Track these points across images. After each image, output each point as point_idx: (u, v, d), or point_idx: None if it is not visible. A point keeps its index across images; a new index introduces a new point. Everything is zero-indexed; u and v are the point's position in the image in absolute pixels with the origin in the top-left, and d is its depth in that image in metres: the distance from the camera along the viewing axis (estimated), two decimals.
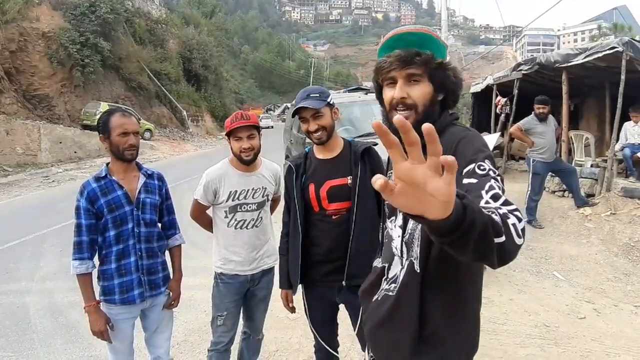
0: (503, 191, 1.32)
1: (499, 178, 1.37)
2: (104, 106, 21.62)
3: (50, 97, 22.96)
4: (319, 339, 2.74)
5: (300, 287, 2.74)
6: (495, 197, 1.28)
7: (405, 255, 1.58)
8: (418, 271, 1.51)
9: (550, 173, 8.12)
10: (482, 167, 1.39)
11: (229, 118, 2.86)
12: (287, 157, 10.61)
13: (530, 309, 4.75)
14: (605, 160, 8.51)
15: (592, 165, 9.06)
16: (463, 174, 1.39)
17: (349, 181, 2.51)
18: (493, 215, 1.12)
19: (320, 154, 2.64)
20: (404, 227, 1.59)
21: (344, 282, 2.52)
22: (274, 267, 3.11)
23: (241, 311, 3.14)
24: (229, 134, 2.84)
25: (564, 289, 5.30)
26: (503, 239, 1.11)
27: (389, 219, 1.71)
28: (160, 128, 28.09)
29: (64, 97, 23.64)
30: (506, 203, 1.25)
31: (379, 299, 1.70)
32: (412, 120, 1.49)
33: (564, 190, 8.87)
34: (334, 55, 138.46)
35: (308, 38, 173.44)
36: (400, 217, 1.61)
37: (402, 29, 1.58)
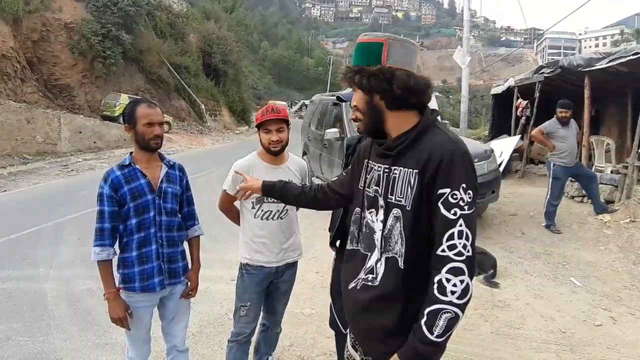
0: (467, 232, 1.59)
1: (466, 212, 1.60)
2: (124, 98, 21.82)
3: (71, 88, 23.19)
4: (333, 309, 2.86)
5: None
6: (451, 247, 1.58)
7: (382, 249, 1.75)
8: (402, 267, 1.69)
9: (570, 178, 8.03)
10: (455, 197, 1.60)
11: (259, 111, 2.96)
12: (304, 153, 10.62)
13: (546, 314, 4.71)
14: (626, 167, 8.39)
15: (612, 172, 8.96)
16: (438, 193, 1.61)
17: None
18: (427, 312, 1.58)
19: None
20: (384, 222, 1.74)
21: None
22: (297, 261, 3.21)
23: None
24: (259, 126, 2.93)
25: (581, 295, 5.26)
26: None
27: (368, 210, 1.84)
28: (178, 121, 28.16)
29: (84, 88, 23.86)
30: (459, 254, 1.57)
31: (357, 287, 1.84)
32: (360, 122, 1.88)
33: (583, 196, 8.76)
34: (353, 53, 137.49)
35: (327, 35, 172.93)
36: (382, 212, 1.76)
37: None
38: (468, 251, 1.58)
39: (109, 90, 24.11)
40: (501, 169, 10.26)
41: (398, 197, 1.70)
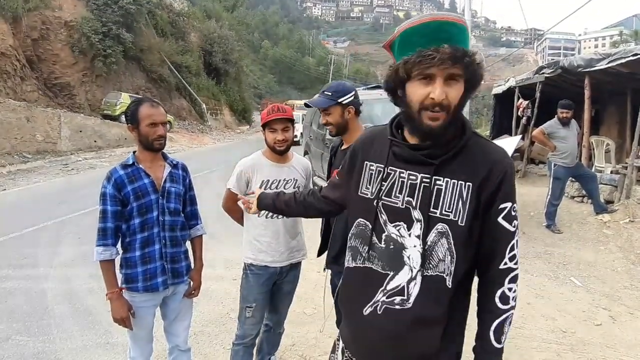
0: (518, 240, 1.57)
1: (517, 221, 1.57)
2: (124, 97, 21.83)
3: (72, 86, 23.15)
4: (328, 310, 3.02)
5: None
6: (512, 258, 1.56)
7: (421, 267, 1.54)
8: (450, 286, 1.53)
9: (570, 178, 8.04)
10: (514, 209, 1.55)
11: (265, 110, 2.95)
12: (306, 152, 10.62)
13: (547, 313, 4.72)
14: (626, 167, 8.40)
15: (612, 172, 8.97)
16: (499, 208, 1.53)
17: None
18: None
19: (343, 144, 2.92)
20: (423, 237, 1.53)
21: (323, 267, 2.96)
22: (301, 262, 3.20)
23: None
24: (264, 125, 2.93)
25: (581, 294, 5.27)
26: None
27: (392, 223, 1.60)
28: (179, 120, 28.17)
29: (85, 87, 23.83)
30: (517, 262, 1.57)
31: (378, 312, 1.60)
32: (442, 121, 1.45)
33: (584, 196, 8.76)
34: (354, 53, 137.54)
35: (328, 34, 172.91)
36: (418, 226, 1.54)
37: (441, 15, 1.43)
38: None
39: (109, 89, 24.10)
40: None
41: (445, 211, 1.51)
